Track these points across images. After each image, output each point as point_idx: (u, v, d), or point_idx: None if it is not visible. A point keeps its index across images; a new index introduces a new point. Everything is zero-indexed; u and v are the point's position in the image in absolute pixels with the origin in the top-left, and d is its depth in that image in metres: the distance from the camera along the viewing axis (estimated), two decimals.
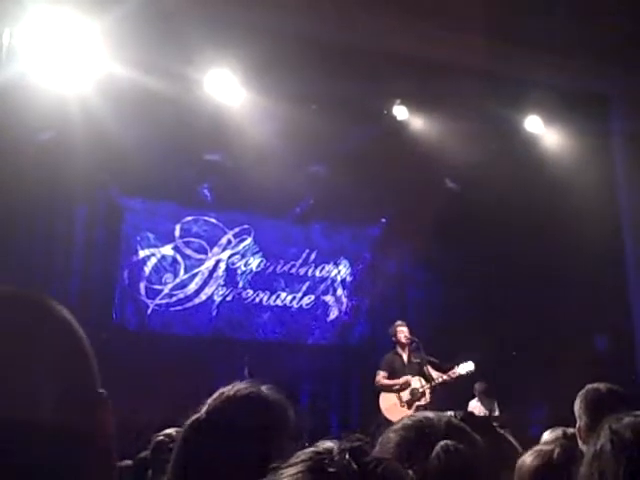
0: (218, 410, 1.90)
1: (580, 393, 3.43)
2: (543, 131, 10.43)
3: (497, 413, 9.90)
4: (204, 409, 1.92)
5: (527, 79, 9.27)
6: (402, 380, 8.84)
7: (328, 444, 1.04)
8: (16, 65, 7.78)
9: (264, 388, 1.95)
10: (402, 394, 8.82)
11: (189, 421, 1.91)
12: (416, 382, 8.83)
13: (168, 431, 3.27)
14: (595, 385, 3.46)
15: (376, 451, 1.69)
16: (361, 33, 8.35)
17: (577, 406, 3.39)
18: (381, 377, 8.97)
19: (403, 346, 9.07)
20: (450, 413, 2.62)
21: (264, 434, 1.82)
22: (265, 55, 8.27)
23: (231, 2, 7.76)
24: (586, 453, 2.88)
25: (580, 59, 8.77)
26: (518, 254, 11.13)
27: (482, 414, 9.55)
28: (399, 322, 9.27)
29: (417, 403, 8.68)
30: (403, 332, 9.09)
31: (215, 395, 1.95)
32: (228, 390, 1.94)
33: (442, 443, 1.63)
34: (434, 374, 8.83)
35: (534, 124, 10.30)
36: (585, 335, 11.39)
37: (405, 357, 9.05)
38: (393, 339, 9.16)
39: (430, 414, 1.85)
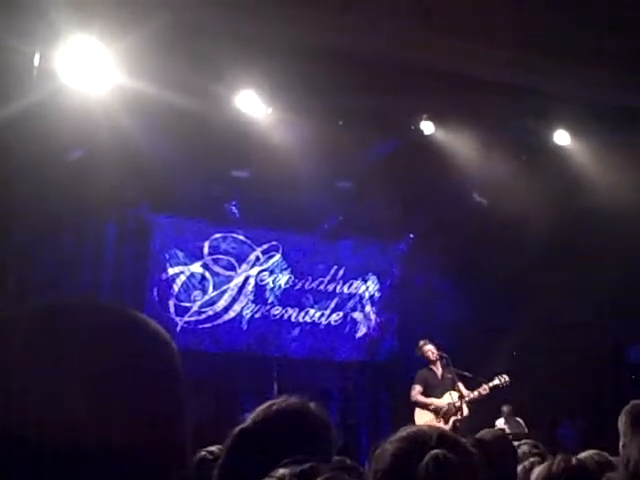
0: (266, 420, 1.90)
1: (625, 409, 3.32)
2: (571, 145, 10.35)
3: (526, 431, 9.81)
4: (251, 418, 1.92)
5: (555, 93, 9.21)
6: (436, 404, 8.76)
7: (281, 472, 1.09)
8: (46, 86, 7.87)
9: (312, 405, 1.96)
10: (440, 404, 8.76)
11: (236, 430, 1.92)
12: (452, 396, 8.77)
13: (211, 448, 3.25)
14: (639, 401, 3.35)
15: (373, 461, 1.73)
16: (388, 48, 8.34)
17: (621, 422, 3.29)
18: (417, 392, 8.94)
19: (434, 362, 9.02)
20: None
21: (308, 449, 1.82)
22: (292, 71, 8.29)
23: (257, 19, 7.80)
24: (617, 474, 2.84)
25: (609, 72, 8.70)
26: (547, 267, 11.05)
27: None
28: (422, 342, 9.22)
29: (454, 418, 8.61)
30: (429, 349, 9.05)
31: (264, 406, 1.95)
32: (279, 402, 1.95)
33: (432, 452, 1.67)
34: (466, 391, 8.77)
35: (562, 138, 10.22)
36: (618, 347, 11.28)
37: (439, 373, 9.00)
38: (423, 358, 9.12)
39: (425, 427, 1.89)
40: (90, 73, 8.08)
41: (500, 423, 9.93)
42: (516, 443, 4.17)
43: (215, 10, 7.60)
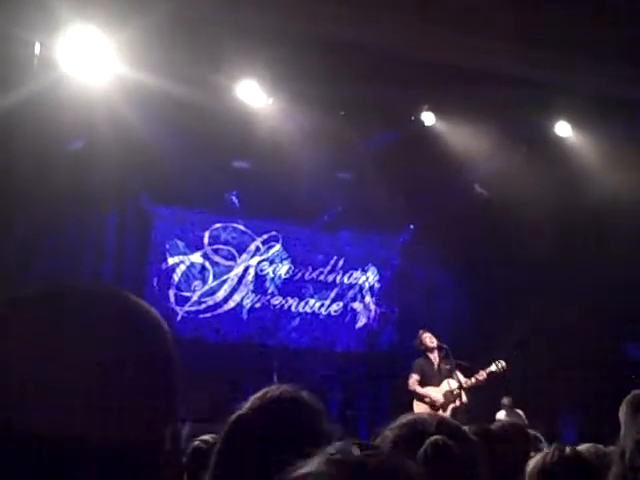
0: (260, 408, 1.92)
1: (626, 399, 3.32)
2: (573, 137, 10.35)
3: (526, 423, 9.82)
4: (247, 406, 1.94)
5: (557, 84, 9.19)
6: (433, 397, 8.75)
7: (338, 445, 1.08)
8: (47, 76, 7.87)
9: (306, 394, 1.98)
10: (436, 397, 8.76)
11: (232, 418, 1.94)
12: (449, 384, 8.78)
13: (205, 437, 3.27)
14: None
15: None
16: (389, 40, 8.34)
17: (622, 412, 3.28)
18: (413, 380, 8.92)
19: (432, 351, 9.02)
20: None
21: (304, 437, 1.85)
22: (293, 62, 8.29)
23: (259, 9, 7.79)
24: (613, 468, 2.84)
25: (611, 64, 8.68)
26: (549, 259, 11.03)
27: None
28: (421, 331, 9.22)
29: (452, 405, 8.62)
30: (427, 337, 9.04)
31: (259, 394, 1.97)
32: (273, 390, 1.97)
33: (432, 438, 1.68)
34: (463, 379, 8.77)
35: (563, 130, 10.22)
36: (617, 343, 11.28)
37: (436, 362, 9.00)
38: (422, 347, 9.11)
39: (425, 414, 1.90)
40: (91, 63, 8.08)
41: (501, 415, 9.95)
42: None
43: (216, 0, 7.59)
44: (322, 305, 11.64)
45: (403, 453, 1.73)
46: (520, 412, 10.03)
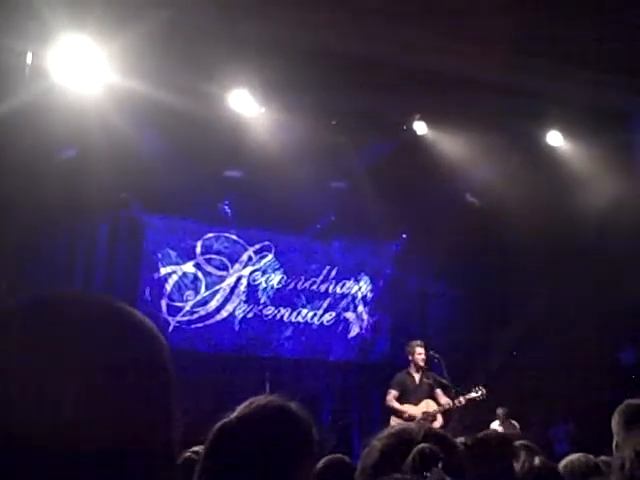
0: (248, 417, 1.93)
1: (618, 408, 3.32)
2: (564, 146, 10.38)
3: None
4: (234, 414, 1.95)
5: (548, 94, 9.23)
6: (411, 412, 8.72)
7: None
8: (39, 85, 7.85)
9: (293, 405, 1.99)
10: (414, 414, 8.72)
11: (218, 424, 1.94)
12: (428, 405, 8.76)
13: (196, 448, 3.26)
14: (633, 401, 3.35)
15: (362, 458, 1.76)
16: (381, 48, 8.35)
17: (614, 421, 3.28)
18: (392, 397, 8.90)
19: (417, 367, 8.99)
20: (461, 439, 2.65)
21: (289, 446, 1.86)
22: (285, 71, 8.30)
23: (251, 18, 7.80)
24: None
25: (602, 74, 8.72)
26: (540, 268, 11.06)
27: None
28: (417, 342, 9.14)
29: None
30: (421, 355, 8.99)
31: (246, 403, 1.98)
32: (259, 400, 1.98)
33: (419, 446, 1.70)
34: (443, 400, 8.75)
35: (555, 139, 10.25)
36: (612, 349, 11.30)
37: (417, 378, 8.96)
38: (409, 358, 9.08)
39: (413, 424, 1.92)
40: (83, 72, 8.07)
41: (495, 425, 9.95)
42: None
43: (208, 9, 7.60)
44: (315, 315, 11.63)
45: (390, 461, 1.74)
46: (515, 423, 10.03)
